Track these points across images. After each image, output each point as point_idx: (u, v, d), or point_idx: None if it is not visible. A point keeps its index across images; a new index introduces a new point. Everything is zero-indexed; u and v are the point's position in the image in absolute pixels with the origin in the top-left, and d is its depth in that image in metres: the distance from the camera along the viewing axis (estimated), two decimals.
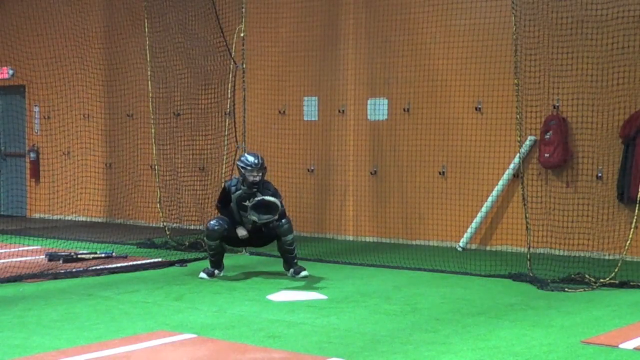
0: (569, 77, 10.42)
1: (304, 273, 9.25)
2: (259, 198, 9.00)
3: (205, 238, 9.47)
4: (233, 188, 9.29)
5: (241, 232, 9.28)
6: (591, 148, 10.50)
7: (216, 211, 9.74)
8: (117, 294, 8.21)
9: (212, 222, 9.26)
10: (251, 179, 9.11)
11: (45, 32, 13.61)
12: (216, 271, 9.30)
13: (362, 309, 7.53)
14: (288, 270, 9.35)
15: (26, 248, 11.25)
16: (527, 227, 9.35)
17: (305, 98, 12.86)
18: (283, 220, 9.14)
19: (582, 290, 8.42)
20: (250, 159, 9.19)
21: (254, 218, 9.02)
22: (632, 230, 8.83)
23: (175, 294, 8.24)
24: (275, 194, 9.24)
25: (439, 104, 11.74)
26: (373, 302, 7.86)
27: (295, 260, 9.37)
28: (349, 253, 11.12)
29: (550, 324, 6.90)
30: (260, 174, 9.16)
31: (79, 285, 8.71)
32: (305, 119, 12.88)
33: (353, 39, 12.42)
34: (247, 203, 9.11)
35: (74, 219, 13.90)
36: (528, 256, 9.19)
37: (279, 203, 9.02)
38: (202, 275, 9.24)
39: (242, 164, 9.18)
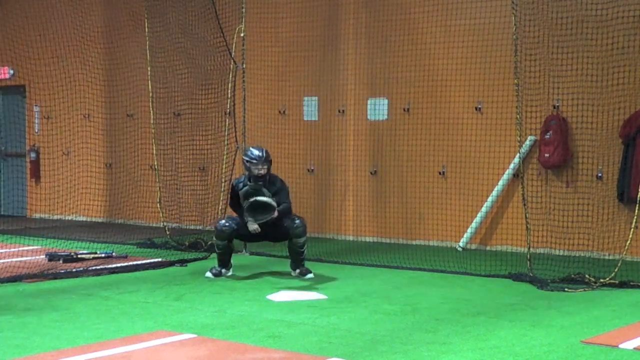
0: (569, 77, 10.42)
1: (309, 275, 9.20)
2: (252, 200, 8.90)
3: (214, 237, 9.34)
4: (240, 184, 9.21)
5: (252, 226, 9.05)
6: (591, 148, 10.50)
7: (229, 210, 9.62)
8: (117, 294, 8.20)
9: (221, 222, 9.18)
10: (256, 172, 9.06)
11: (46, 32, 13.60)
12: (223, 270, 9.23)
13: (362, 309, 7.53)
14: (294, 270, 9.30)
15: (26, 248, 11.25)
16: (527, 227, 9.34)
17: (305, 98, 12.86)
18: (297, 222, 9.05)
19: (582, 290, 8.42)
20: (255, 152, 9.15)
21: (250, 219, 8.96)
22: (632, 230, 8.82)
23: (175, 294, 8.23)
24: (281, 187, 9.16)
25: (439, 104, 11.74)
26: (373, 302, 7.86)
27: (303, 262, 9.31)
28: (349, 253, 11.12)
29: (550, 324, 6.89)
30: (266, 167, 9.10)
31: (79, 285, 8.71)
32: (305, 119, 12.88)
33: (353, 39, 12.42)
34: (248, 201, 9.00)
35: (74, 219, 13.91)
36: (528, 256, 9.18)
37: (274, 203, 8.92)
38: (208, 274, 9.19)
39: (247, 158, 9.15)
